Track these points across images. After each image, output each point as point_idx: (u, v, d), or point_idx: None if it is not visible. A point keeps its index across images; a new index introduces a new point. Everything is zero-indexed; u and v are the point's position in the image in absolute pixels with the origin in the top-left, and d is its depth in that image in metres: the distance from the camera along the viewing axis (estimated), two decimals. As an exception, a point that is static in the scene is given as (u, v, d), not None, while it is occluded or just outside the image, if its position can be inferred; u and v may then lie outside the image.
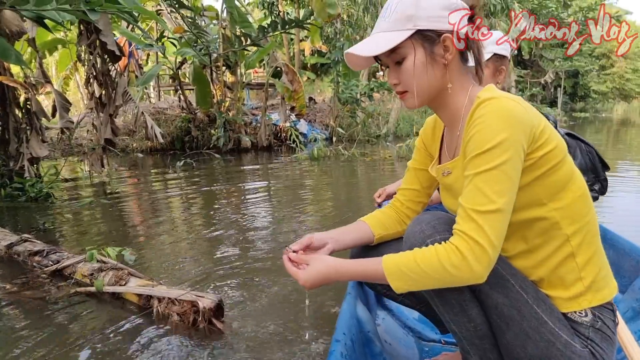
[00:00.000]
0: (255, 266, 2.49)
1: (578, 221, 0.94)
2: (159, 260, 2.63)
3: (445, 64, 0.95)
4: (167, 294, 1.92)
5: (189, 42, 6.69)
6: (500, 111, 0.86)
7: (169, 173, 5.76)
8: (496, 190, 0.85)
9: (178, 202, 4.31)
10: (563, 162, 0.92)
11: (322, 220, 3.42)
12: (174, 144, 7.86)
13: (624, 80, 19.45)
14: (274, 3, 9.87)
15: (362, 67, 1.08)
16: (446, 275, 0.86)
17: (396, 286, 0.92)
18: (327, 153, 7.09)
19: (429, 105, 1.03)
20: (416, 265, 0.89)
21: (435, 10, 0.93)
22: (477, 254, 0.84)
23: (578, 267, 0.94)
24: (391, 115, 10.53)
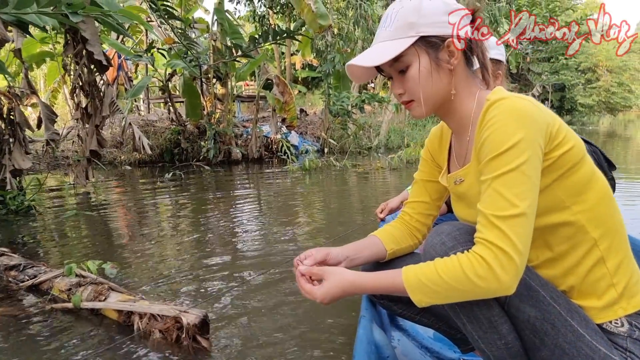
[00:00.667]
0: (245, 281, 2.38)
1: (605, 223, 0.89)
2: (144, 274, 2.52)
3: (451, 69, 0.93)
4: (148, 310, 1.81)
5: (179, 54, 6.63)
6: (514, 111, 0.83)
7: (157, 185, 5.63)
8: (517, 193, 0.80)
9: (165, 215, 4.19)
10: (583, 161, 0.87)
11: (315, 233, 3.33)
12: (163, 156, 7.74)
13: (609, 94, 19.79)
14: (265, 16, 9.90)
15: (364, 79, 1.05)
16: (472, 286, 0.81)
17: (417, 299, 0.86)
18: (319, 164, 7.02)
19: (436, 112, 1.00)
20: (438, 277, 0.83)
21: (438, 16, 0.91)
22: (503, 263, 0.78)
23: (609, 273, 0.89)
24: (382, 128, 10.53)
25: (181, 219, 3.93)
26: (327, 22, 5.49)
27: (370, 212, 3.90)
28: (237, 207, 4.37)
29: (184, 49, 6.47)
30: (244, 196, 4.95)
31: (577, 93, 19.22)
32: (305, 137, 9.71)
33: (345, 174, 6.43)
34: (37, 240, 3.25)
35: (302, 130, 9.91)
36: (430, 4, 0.91)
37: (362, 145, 9.56)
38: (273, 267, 2.55)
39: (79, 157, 4.88)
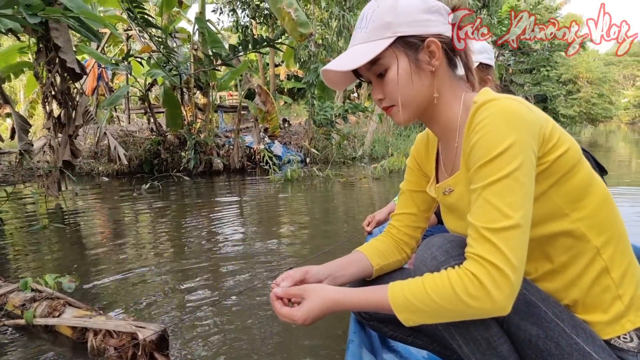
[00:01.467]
0: (220, 298, 2.28)
1: (606, 230, 0.83)
2: (111, 289, 2.40)
3: (433, 71, 0.87)
4: (103, 326, 1.69)
5: (159, 63, 6.54)
6: (504, 112, 0.76)
7: (133, 196, 5.48)
8: (510, 203, 0.74)
9: (138, 227, 4.05)
10: (580, 164, 0.82)
11: (299, 246, 3.24)
12: (142, 167, 7.58)
13: (590, 105, 20.22)
14: (248, 26, 9.89)
15: (342, 85, 0.98)
16: (463, 306, 0.74)
17: (404, 318, 0.80)
18: (301, 174, 6.94)
19: (420, 118, 0.94)
20: (427, 295, 0.77)
21: (416, 14, 0.85)
22: (497, 281, 0.72)
23: (614, 284, 0.83)
24: (366, 138, 10.52)
25: (156, 232, 3.80)
26: (308, 30, 5.46)
27: (354, 223, 3.82)
28: (216, 219, 4.26)
29: (164, 58, 6.37)
30: (223, 207, 4.83)
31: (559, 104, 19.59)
32: (289, 147, 9.64)
33: (328, 184, 6.36)
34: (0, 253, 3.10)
35: (285, 140, 9.84)
36: (406, 2, 0.85)
37: (346, 155, 9.52)
38: (251, 283, 2.45)
39: (51, 168, 4.72)
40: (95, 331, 1.69)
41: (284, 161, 8.46)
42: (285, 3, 5.33)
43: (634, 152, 12.82)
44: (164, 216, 4.41)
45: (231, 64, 6.54)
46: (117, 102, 6.69)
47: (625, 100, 41.12)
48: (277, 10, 5.48)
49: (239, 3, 9.85)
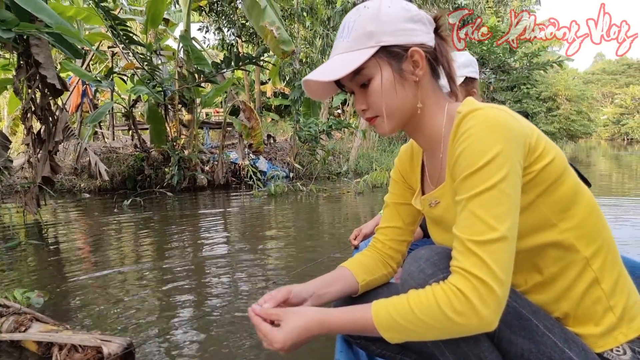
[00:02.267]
0: (195, 314, 2.26)
1: (595, 240, 0.82)
2: (84, 304, 2.38)
3: (416, 81, 0.86)
4: (69, 340, 1.68)
5: (143, 80, 6.56)
6: (488, 122, 0.75)
7: (114, 213, 5.43)
8: (496, 215, 0.72)
9: (116, 243, 4.01)
10: (566, 173, 0.81)
11: (284, 260, 3.25)
12: (125, 184, 7.52)
13: (569, 122, 20.71)
14: (234, 44, 10.01)
15: (324, 96, 0.96)
16: (449, 324, 0.72)
17: (389, 337, 0.78)
18: (285, 189, 6.95)
19: (404, 129, 0.92)
20: (412, 313, 0.75)
21: (399, 24, 0.83)
22: (483, 296, 0.70)
23: (605, 295, 0.81)
24: (351, 153, 10.62)
25: (133, 248, 3.77)
26: (290, 48, 5.55)
27: (338, 237, 3.84)
28: (197, 234, 4.24)
29: (148, 75, 6.40)
30: (205, 223, 4.82)
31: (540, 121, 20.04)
32: (274, 162, 9.67)
33: (311, 199, 6.38)
34: (-30, 270, 3.04)
35: (271, 156, 9.87)
36: (389, 11, 0.84)
37: (331, 171, 9.58)
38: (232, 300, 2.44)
39: (29, 184, 4.67)
40: (61, 346, 1.67)
41: (268, 176, 8.48)
42: (268, 21, 5.43)
43: (613, 167, 13.17)
44: (143, 232, 4.37)
45: (215, 80, 6.59)
46: (100, 119, 6.68)
47: (604, 117, 42.17)
48: (260, 28, 5.57)
49: (225, 22, 9.97)
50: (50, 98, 4.80)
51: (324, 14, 9.35)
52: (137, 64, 6.25)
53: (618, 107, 42.15)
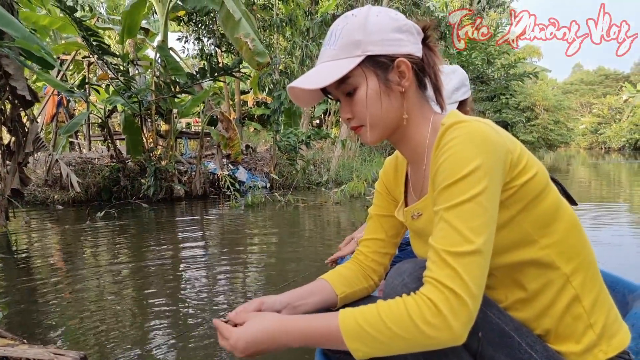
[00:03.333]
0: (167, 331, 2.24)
1: (576, 257, 0.82)
2: (49, 318, 2.35)
3: (402, 91, 0.85)
4: (22, 354, 1.65)
5: (118, 90, 6.52)
6: (471, 135, 0.75)
7: (86, 225, 5.35)
8: (472, 227, 0.71)
9: (85, 256, 3.95)
10: (548, 188, 0.81)
11: (264, 274, 3.23)
12: (101, 195, 7.42)
13: (547, 131, 21.18)
14: (213, 55, 10.03)
15: (310, 102, 0.95)
16: (419, 335, 0.69)
17: (354, 348, 0.73)
18: (262, 200, 6.95)
19: (389, 139, 0.92)
20: (381, 322, 0.71)
21: (386, 33, 0.83)
22: (455, 308, 0.68)
23: (586, 312, 0.81)
24: (332, 163, 10.67)
25: (103, 260, 3.72)
26: (265, 60, 5.59)
27: (317, 248, 3.85)
28: (170, 246, 4.21)
29: (123, 86, 6.37)
30: (179, 234, 4.78)
31: (519, 130, 20.45)
32: (254, 173, 9.65)
33: (289, 209, 6.39)
34: None
35: (251, 166, 9.86)
36: (376, 20, 0.83)
37: (312, 181, 9.61)
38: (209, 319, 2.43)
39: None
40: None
41: (248, 186, 8.46)
42: (243, 33, 5.47)
43: (592, 175, 13.55)
44: (115, 245, 4.32)
45: (191, 91, 6.59)
46: (74, 130, 6.60)
47: (582, 127, 43.22)
48: (235, 40, 5.60)
49: (204, 31, 9.99)
50: (21, 109, 4.74)
51: (303, 25, 9.44)
52: (110, 74, 6.21)
53: (596, 116, 43.28)
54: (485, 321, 0.80)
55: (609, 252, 3.53)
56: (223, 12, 5.66)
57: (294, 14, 9.60)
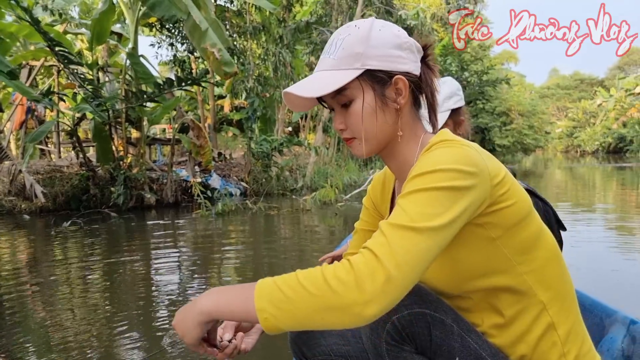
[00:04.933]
0: (127, 349, 2.22)
1: (553, 285, 0.83)
2: (3, 334, 2.31)
3: (397, 108, 0.85)
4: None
5: (86, 98, 6.48)
6: (455, 152, 0.75)
7: (51, 235, 5.30)
8: (421, 212, 0.68)
9: (48, 268, 3.92)
10: (530, 217, 0.81)
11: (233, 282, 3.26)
12: (69, 204, 7.33)
13: (522, 135, 21.73)
14: (186, 61, 10.02)
15: (303, 108, 0.95)
16: (327, 291, 0.65)
17: (261, 307, 0.67)
18: (232, 207, 6.97)
19: (379, 154, 0.91)
20: (294, 280, 0.68)
21: (387, 49, 0.82)
22: (372, 270, 0.64)
23: (560, 341, 0.82)
24: (307, 169, 10.74)
25: (67, 274, 3.68)
26: (232, 69, 5.64)
27: (287, 254, 3.89)
28: (135, 257, 4.20)
29: (90, 94, 6.33)
30: (145, 244, 4.77)
31: (495, 135, 20.92)
32: (229, 179, 9.66)
33: (260, 217, 6.43)
34: None
35: (225, 173, 9.86)
36: (379, 35, 0.83)
37: (286, 187, 9.65)
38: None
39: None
40: None
41: (222, 194, 8.46)
42: (209, 43, 5.51)
43: (568, 177, 13.99)
44: (79, 255, 4.29)
45: (160, 100, 6.59)
46: (41, 138, 6.52)
47: (559, 130, 44.32)
48: (202, 49, 5.63)
49: (178, 37, 9.97)
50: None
51: (276, 32, 9.50)
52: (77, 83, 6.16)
53: (571, 120, 44.44)
54: (463, 346, 0.81)
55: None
56: (190, 22, 5.69)
57: (267, 21, 9.66)
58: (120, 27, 11.07)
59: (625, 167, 18.52)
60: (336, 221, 6.08)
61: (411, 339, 0.82)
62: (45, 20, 9.48)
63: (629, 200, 8.03)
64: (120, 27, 11.03)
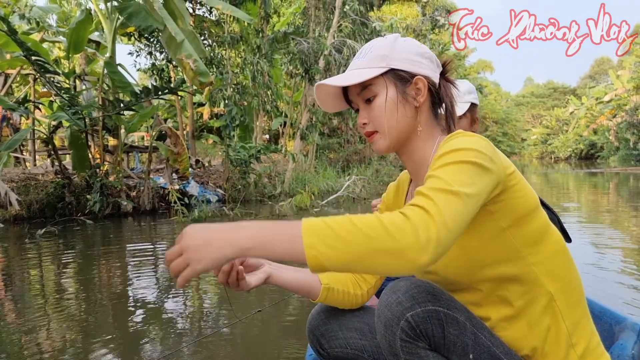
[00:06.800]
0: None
1: (560, 278, 0.86)
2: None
3: (417, 106, 0.93)
4: None
5: (62, 106, 6.53)
6: (472, 139, 0.81)
7: (24, 243, 5.32)
8: (455, 179, 0.73)
9: (20, 277, 3.95)
10: (538, 212, 0.86)
11: (212, 291, 3.35)
12: (44, 212, 7.32)
13: (496, 142, 22.39)
14: (164, 69, 10.11)
15: (334, 108, 1.02)
16: (383, 233, 0.65)
17: (309, 243, 0.65)
18: (209, 214, 7.08)
19: (398, 150, 0.97)
20: (347, 220, 0.67)
21: (410, 54, 0.93)
22: (424, 220, 0.67)
23: (568, 331, 0.84)
24: (286, 176, 10.90)
25: (40, 285, 3.69)
26: (208, 79, 5.80)
27: None
28: (110, 265, 4.28)
29: (67, 102, 6.39)
30: (120, 252, 4.85)
31: (471, 141, 21.43)
32: (207, 186, 9.74)
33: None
34: None
35: (204, 180, 9.94)
36: (404, 43, 0.95)
37: (265, 194, 9.78)
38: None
39: None
40: None
41: (201, 201, 8.54)
42: (184, 54, 5.66)
43: (544, 182, 14.53)
44: (53, 264, 4.33)
45: (136, 108, 6.68)
46: (15, 146, 6.53)
47: (534, 137, 45.57)
48: (178, 60, 5.78)
49: (157, 46, 10.06)
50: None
51: (254, 42, 9.69)
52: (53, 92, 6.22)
53: (545, 127, 45.73)
54: (476, 343, 0.83)
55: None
56: (166, 33, 5.84)
57: (245, 31, 9.84)
58: (99, 35, 11.11)
59: (597, 173, 19.28)
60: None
61: (425, 335, 0.82)
62: (22, 28, 9.48)
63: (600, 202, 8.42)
64: (99, 36, 11.07)
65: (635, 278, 3.16)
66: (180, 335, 2.35)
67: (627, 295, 2.76)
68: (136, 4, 6.54)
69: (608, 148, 30.62)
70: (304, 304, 2.74)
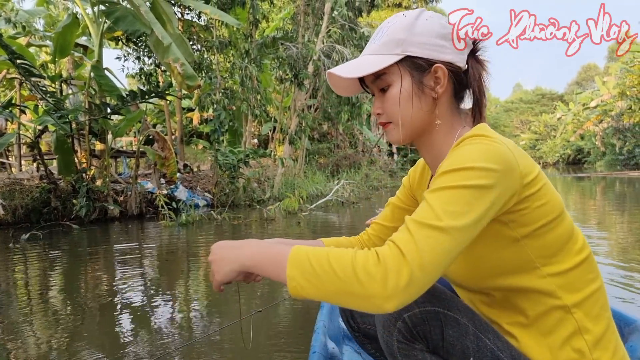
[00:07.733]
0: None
1: (581, 290, 0.79)
2: None
3: (435, 97, 0.85)
4: None
5: (47, 111, 6.48)
6: (486, 148, 0.74)
7: (8, 248, 5.25)
8: (447, 210, 0.68)
9: (7, 281, 3.92)
10: (560, 220, 0.79)
11: (205, 294, 3.33)
12: (29, 217, 7.23)
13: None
14: (152, 74, 10.09)
15: (349, 92, 0.96)
16: (352, 278, 0.66)
17: (291, 275, 0.70)
18: (197, 218, 7.05)
19: (415, 142, 0.92)
20: (324, 258, 0.70)
21: (430, 38, 0.83)
22: (397, 264, 0.65)
23: (588, 347, 0.78)
24: (276, 180, 10.90)
25: (23, 291, 3.65)
26: (195, 83, 5.80)
27: None
28: (97, 271, 4.24)
29: (52, 107, 6.35)
30: (107, 257, 4.80)
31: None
32: (196, 191, 9.70)
33: (225, 226, 6.53)
34: None
35: (192, 185, 9.90)
36: (425, 24, 0.84)
37: (254, 198, 9.77)
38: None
39: None
40: None
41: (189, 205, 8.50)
42: (172, 58, 5.66)
43: None
44: (38, 269, 4.28)
45: (123, 112, 6.66)
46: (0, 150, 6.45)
47: (522, 143, 46.13)
48: (165, 64, 5.77)
49: (145, 51, 10.04)
50: None
51: (242, 47, 9.71)
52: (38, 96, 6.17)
53: (533, 133, 46.35)
54: (478, 346, 0.79)
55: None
56: (153, 37, 5.84)
57: (234, 36, 9.87)
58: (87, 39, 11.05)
59: (584, 177, 19.58)
60: (301, 229, 6.25)
61: (422, 337, 0.80)
62: (8, 32, 9.40)
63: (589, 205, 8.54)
64: (87, 40, 11.01)
65: None
66: (182, 335, 2.35)
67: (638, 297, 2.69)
68: (123, 8, 6.54)
69: (595, 153, 31.11)
70: (304, 304, 2.73)
